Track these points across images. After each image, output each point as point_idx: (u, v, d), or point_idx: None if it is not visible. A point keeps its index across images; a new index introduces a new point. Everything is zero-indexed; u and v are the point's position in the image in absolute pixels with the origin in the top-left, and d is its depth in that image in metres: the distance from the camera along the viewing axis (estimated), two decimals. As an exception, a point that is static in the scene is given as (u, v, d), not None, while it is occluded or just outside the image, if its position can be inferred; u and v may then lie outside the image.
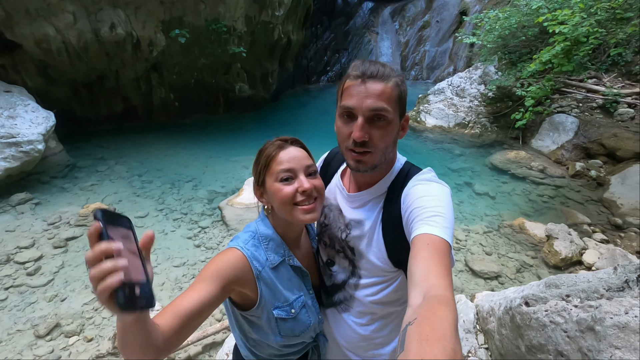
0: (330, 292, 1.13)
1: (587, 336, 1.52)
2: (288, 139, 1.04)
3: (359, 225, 1.03)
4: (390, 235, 0.97)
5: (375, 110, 0.88)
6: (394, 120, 0.92)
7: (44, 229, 4.30)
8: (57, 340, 2.90)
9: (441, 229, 0.79)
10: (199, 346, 2.86)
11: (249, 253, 0.94)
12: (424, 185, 0.93)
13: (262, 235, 1.01)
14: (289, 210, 0.97)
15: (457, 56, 14.46)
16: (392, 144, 0.96)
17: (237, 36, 7.94)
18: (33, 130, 5.13)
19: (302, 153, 1.01)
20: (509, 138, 7.66)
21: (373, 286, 1.04)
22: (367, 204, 1.03)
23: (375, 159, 0.94)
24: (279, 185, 0.96)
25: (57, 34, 6.03)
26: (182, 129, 8.43)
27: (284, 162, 0.97)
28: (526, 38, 6.87)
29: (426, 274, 0.70)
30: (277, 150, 0.99)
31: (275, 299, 0.98)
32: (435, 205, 0.84)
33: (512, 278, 3.75)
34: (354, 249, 1.04)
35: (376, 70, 0.89)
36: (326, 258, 1.13)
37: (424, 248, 0.76)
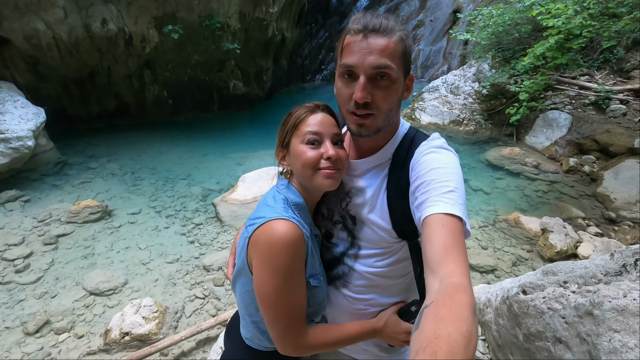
0: (328, 266, 1.08)
1: (585, 321, 1.51)
2: (320, 104, 1.00)
3: (361, 193, 0.98)
4: (397, 204, 0.92)
5: (378, 67, 0.82)
6: (399, 78, 0.86)
7: (33, 226, 4.22)
8: (46, 337, 2.84)
9: (457, 206, 0.75)
10: (193, 342, 2.82)
11: (296, 221, 0.88)
12: (437, 154, 0.87)
13: (294, 203, 0.95)
14: (310, 174, 0.93)
15: (451, 55, 14.53)
16: (397, 106, 0.90)
17: (231, 33, 7.88)
18: (22, 127, 5.03)
19: (331, 120, 0.98)
20: (503, 135, 7.70)
21: (373, 257, 0.99)
22: (369, 171, 0.99)
23: (379, 122, 0.87)
24: (304, 147, 0.93)
25: (47, 29, 5.93)
26: (175, 126, 8.35)
27: (313, 125, 0.94)
28: (520, 35, 6.91)
29: (443, 260, 0.68)
30: (307, 113, 0.96)
31: (312, 266, 0.95)
32: (450, 180, 0.79)
33: (507, 271, 3.76)
34: (355, 217, 0.99)
35: (379, 24, 0.82)
36: (324, 231, 1.08)
37: (439, 230, 0.72)
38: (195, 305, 3.22)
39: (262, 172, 5.41)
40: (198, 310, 3.18)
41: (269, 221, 0.86)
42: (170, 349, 2.74)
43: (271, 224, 0.86)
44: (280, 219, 0.87)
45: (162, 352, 2.70)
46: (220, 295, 3.34)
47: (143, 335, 2.74)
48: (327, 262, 1.09)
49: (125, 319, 2.80)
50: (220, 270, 3.63)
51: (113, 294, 3.32)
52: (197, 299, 3.30)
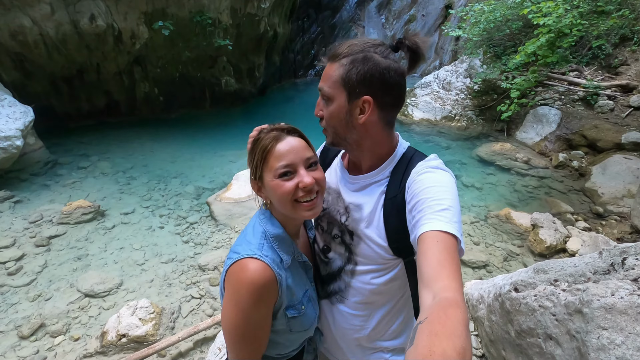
0: (326, 281, 1.10)
1: (575, 318, 1.56)
2: (285, 127, 0.96)
3: (359, 209, 1.00)
4: (392, 221, 0.94)
5: (320, 89, 0.96)
6: (338, 100, 0.93)
7: (25, 228, 4.16)
8: (42, 341, 2.83)
9: (451, 224, 0.77)
10: (190, 342, 2.83)
11: (269, 260, 0.88)
12: (432, 174, 0.89)
13: (272, 236, 0.94)
14: (289, 206, 0.92)
15: (443, 50, 14.58)
16: (343, 125, 0.95)
17: (222, 29, 7.79)
18: (10, 126, 4.94)
19: (300, 143, 0.93)
20: (494, 130, 7.79)
21: (369, 273, 1.01)
22: (367, 187, 1.01)
23: (330, 136, 1.00)
24: (277, 181, 0.90)
25: (33, 25, 5.80)
26: (167, 124, 8.26)
27: (283, 156, 0.90)
28: (510, 31, 6.97)
29: (437, 275, 0.69)
30: (273, 142, 0.91)
31: (289, 299, 0.95)
32: (444, 198, 0.81)
33: (499, 267, 3.83)
34: (353, 233, 1.02)
35: (333, 50, 0.93)
36: (322, 244, 1.10)
37: (434, 246, 0.74)
38: (192, 306, 3.22)
39: (256, 170, 5.40)
40: (194, 310, 3.19)
41: (241, 259, 0.87)
42: (168, 350, 2.75)
43: (242, 264, 0.87)
44: (252, 257, 0.87)
45: (160, 353, 2.71)
46: (216, 294, 3.34)
47: (140, 336, 2.74)
48: (324, 277, 1.11)
49: (122, 320, 2.80)
50: (215, 270, 3.64)
51: (108, 296, 3.31)
52: (193, 299, 3.30)
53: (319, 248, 1.12)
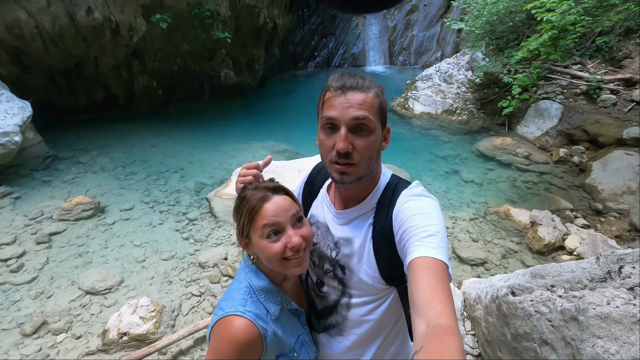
0: (322, 315, 1.11)
1: (570, 326, 1.58)
2: (271, 186, 0.97)
3: (348, 244, 1.01)
4: (382, 252, 0.95)
5: (357, 119, 0.87)
6: (377, 129, 0.91)
7: (25, 224, 4.18)
8: (44, 339, 2.86)
9: (438, 249, 0.78)
10: (191, 340, 2.87)
11: (252, 316, 0.89)
12: (416, 201, 0.91)
13: (258, 289, 0.96)
14: (278, 265, 0.93)
15: (445, 41, 14.40)
16: (376, 155, 0.95)
17: (221, 21, 7.68)
18: (8, 122, 4.91)
19: (286, 202, 0.95)
20: (495, 124, 7.75)
21: (365, 305, 1.02)
22: (355, 220, 1.01)
23: (360, 171, 0.92)
24: (266, 242, 0.91)
25: (29, 18, 5.72)
26: (166, 117, 8.22)
27: (269, 217, 0.91)
28: (514, 24, 6.86)
29: (429, 302, 0.70)
30: (260, 202, 0.92)
31: (279, 349, 0.96)
32: (429, 224, 0.83)
33: (497, 264, 3.85)
34: (345, 267, 1.03)
35: (356, 82, 0.89)
36: (316, 279, 1.11)
37: (423, 272, 0.75)
38: (192, 303, 3.26)
39: (255, 166, 5.40)
40: (195, 308, 3.22)
41: (224, 317, 0.89)
42: (169, 348, 2.79)
43: (225, 321, 0.88)
44: (235, 315, 0.88)
45: (161, 352, 2.74)
46: (216, 292, 3.38)
47: (141, 335, 2.78)
48: (320, 312, 1.12)
49: (123, 319, 2.83)
50: (215, 267, 3.67)
51: (109, 293, 3.34)
52: (193, 296, 3.33)
53: (312, 282, 1.13)
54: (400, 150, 6.96)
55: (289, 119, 8.82)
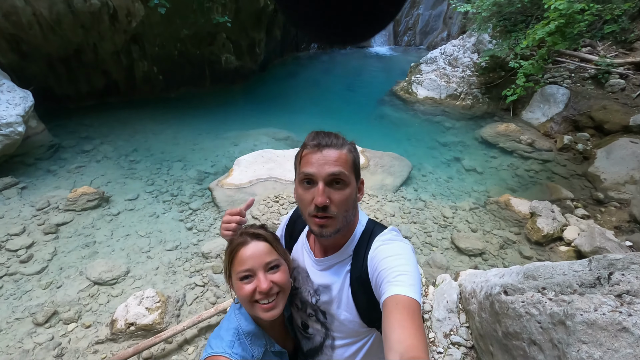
0: (310, 354, 1.17)
1: (558, 329, 1.63)
2: (252, 232, 1.03)
3: (327, 290, 1.06)
4: (360, 296, 1.00)
5: (333, 174, 0.93)
6: (352, 182, 0.97)
7: (33, 215, 4.27)
8: (56, 328, 2.99)
9: (408, 287, 0.82)
10: (195, 329, 2.98)
11: (238, 357, 0.96)
12: (387, 245, 0.97)
13: (245, 332, 1.03)
14: (250, 307, 1.01)
15: (452, 20, 13.98)
16: (352, 206, 1.00)
17: (220, 4, 7.50)
18: (11, 112, 4.94)
19: (263, 248, 1.01)
20: (500, 109, 7.63)
21: (349, 346, 1.08)
22: (333, 267, 1.06)
23: (338, 223, 0.97)
24: (239, 284, 0.99)
25: (26, 5, 5.63)
26: (167, 103, 8.18)
27: (244, 262, 0.99)
28: (522, 4, 6.64)
29: (400, 336, 0.74)
30: (238, 246, 1.01)
31: None
32: (400, 264, 0.88)
33: (495, 255, 3.91)
34: (326, 312, 1.08)
35: (330, 141, 0.96)
36: (300, 321, 1.17)
37: (395, 309, 0.79)
38: (196, 293, 3.36)
39: (257, 155, 5.42)
40: (199, 298, 3.33)
41: (212, 356, 0.96)
42: (174, 337, 2.91)
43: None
44: (222, 356, 0.95)
45: (167, 341, 2.87)
46: (219, 282, 3.47)
47: (147, 325, 2.89)
48: (308, 352, 1.18)
49: (130, 310, 2.95)
50: (218, 258, 3.76)
51: (116, 284, 3.45)
52: (197, 286, 3.44)
53: (297, 325, 1.18)
54: (402, 137, 6.92)
55: (291, 105, 8.75)
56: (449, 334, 2.73)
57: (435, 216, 4.51)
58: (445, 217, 4.49)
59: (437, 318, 2.84)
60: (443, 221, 4.42)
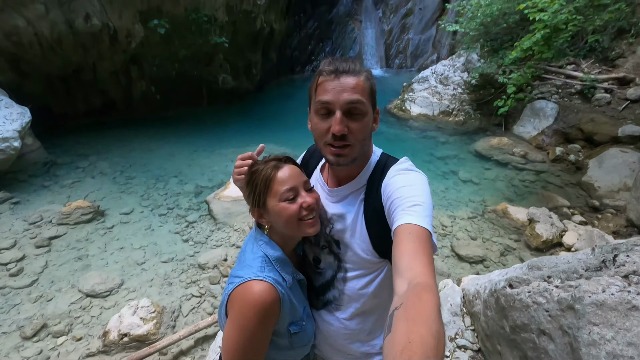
0: (321, 291, 1.14)
1: (567, 314, 1.60)
2: (281, 157, 1.05)
3: (341, 219, 1.04)
4: (374, 226, 0.98)
5: (351, 102, 0.90)
6: (369, 111, 0.95)
7: (25, 229, 4.18)
8: (44, 341, 2.86)
9: (422, 217, 0.81)
10: (192, 340, 2.87)
11: (272, 280, 0.93)
12: (403, 175, 0.95)
13: (274, 258, 1.01)
14: (295, 226, 0.99)
15: (441, 44, 14.53)
16: (369, 136, 0.99)
17: (218, 26, 7.75)
18: (8, 127, 4.93)
19: (297, 170, 1.03)
20: (491, 125, 7.80)
21: (360, 278, 1.05)
22: (347, 198, 1.05)
23: (355, 152, 0.95)
24: (283, 205, 0.98)
25: (27, 25, 5.77)
26: (164, 122, 8.24)
27: (286, 182, 0.98)
28: (507, 25, 6.95)
29: (410, 263, 0.73)
30: (274, 170, 1.00)
31: (292, 316, 1.01)
32: (415, 195, 0.86)
33: (496, 261, 3.87)
34: (339, 242, 1.06)
35: (348, 66, 0.92)
36: (312, 256, 1.14)
37: (406, 238, 0.78)
38: (192, 304, 3.26)
39: (254, 168, 5.42)
40: (195, 309, 3.22)
41: (245, 282, 0.92)
42: (169, 348, 2.79)
43: (247, 286, 0.91)
44: (256, 279, 0.92)
45: (162, 352, 2.75)
46: (216, 293, 3.38)
47: (142, 335, 2.78)
48: (319, 288, 1.15)
49: (123, 320, 2.84)
50: (215, 269, 3.67)
51: (109, 296, 3.34)
52: (193, 297, 3.34)
53: (309, 260, 1.16)
54: (398, 152, 6.77)
55: (287, 123, 8.85)
56: (454, 337, 2.65)
57: (434, 225, 4.49)
58: (444, 226, 4.48)
59: (441, 322, 2.76)
60: (442, 230, 4.41)
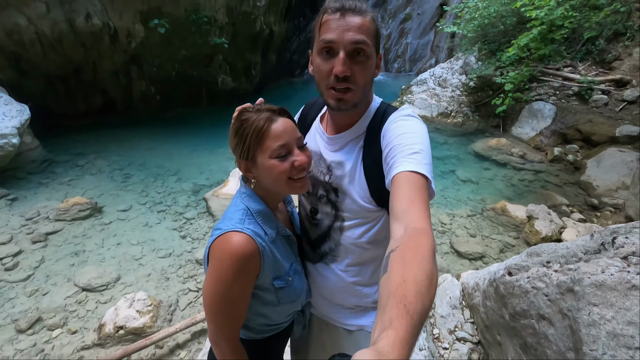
0: (317, 243, 1.13)
1: (567, 297, 1.58)
2: (275, 108, 0.97)
3: (340, 166, 1.03)
4: (373, 173, 0.97)
5: (356, 43, 0.86)
6: (373, 55, 0.91)
7: (21, 225, 4.15)
8: (39, 334, 2.83)
9: (422, 165, 0.81)
10: (188, 334, 2.84)
11: (250, 232, 0.91)
12: (404, 121, 0.93)
13: (256, 211, 0.98)
14: (284, 184, 0.96)
15: (439, 48, 14.64)
16: (371, 81, 0.95)
17: (218, 27, 7.80)
18: (7, 124, 4.93)
19: (292, 125, 0.97)
20: (490, 126, 7.83)
21: (357, 227, 1.05)
22: (346, 145, 1.04)
23: (357, 97, 0.93)
24: (274, 162, 0.93)
25: (29, 24, 5.79)
26: (164, 122, 8.25)
27: (278, 137, 0.92)
28: (505, 28, 7.02)
29: (407, 209, 0.73)
30: (267, 123, 0.92)
31: (276, 270, 0.99)
32: (415, 143, 0.86)
33: (495, 258, 3.86)
34: (338, 189, 1.05)
35: (354, 4, 0.88)
36: (309, 207, 1.12)
37: (404, 185, 0.78)
38: (190, 299, 3.23)
39: (253, 167, 5.42)
40: (192, 303, 3.19)
41: (224, 233, 0.90)
42: (166, 341, 2.76)
43: (225, 237, 0.89)
44: (235, 231, 0.90)
45: (157, 345, 2.71)
46: (214, 288, 3.35)
47: (137, 328, 2.75)
48: (315, 241, 1.14)
49: (119, 313, 2.81)
50: (213, 264, 3.64)
51: (105, 290, 3.31)
52: (190, 292, 3.31)
53: (306, 212, 1.14)
54: None
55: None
56: (453, 330, 2.63)
57: (433, 222, 4.48)
58: (443, 224, 4.47)
59: (440, 315, 2.75)
60: (441, 227, 4.39)
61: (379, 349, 0.43)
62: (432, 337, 2.56)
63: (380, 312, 0.52)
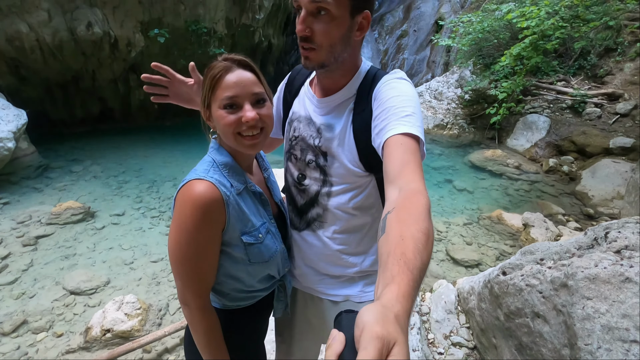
0: (304, 210, 1.11)
1: (561, 293, 1.56)
2: (237, 58, 0.93)
3: (330, 129, 1.02)
4: (362, 137, 0.96)
5: (315, 2, 0.84)
6: (341, 15, 0.86)
7: (12, 228, 4.09)
8: (23, 337, 2.75)
9: (415, 127, 0.81)
10: (177, 339, 2.76)
11: (214, 180, 0.88)
12: (396, 83, 0.92)
13: (221, 163, 0.95)
14: (232, 138, 0.93)
15: (435, 63, 14.89)
16: (341, 42, 0.90)
17: (217, 38, 7.93)
18: (3, 128, 4.92)
19: (249, 78, 0.92)
20: (485, 138, 7.90)
21: (345, 193, 1.03)
22: (336, 108, 1.03)
23: (321, 57, 0.90)
24: (222, 112, 0.90)
25: (30, 31, 5.87)
26: (161, 131, 8.28)
27: (229, 88, 0.89)
28: (498, 42, 7.17)
29: (400, 171, 0.74)
30: (223, 72, 0.90)
31: (243, 224, 0.95)
32: (407, 105, 0.85)
33: (491, 265, 3.81)
34: (327, 152, 1.03)
35: None
36: (297, 173, 1.11)
37: (398, 148, 0.78)
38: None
39: (249, 174, 5.41)
40: (183, 307, 3.12)
41: (187, 182, 0.88)
42: (154, 346, 2.68)
43: (189, 185, 0.87)
44: (197, 179, 0.88)
45: (145, 349, 2.64)
46: (205, 292, 3.29)
47: (125, 331, 2.68)
48: (302, 207, 1.12)
49: (107, 315, 2.74)
50: (205, 269, 3.58)
51: (94, 293, 3.24)
52: (181, 296, 3.24)
53: (293, 178, 1.13)
54: None
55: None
56: (449, 335, 2.57)
57: (429, 230, 4.46)
58: (439, 231, 4.44)
59: (435, 319, 2.69)
60: (437, 235, 4.36)
61: (383, 303, 0.44)
62: (426, 341, 2.51)
63: (382, 270, 0.54)
